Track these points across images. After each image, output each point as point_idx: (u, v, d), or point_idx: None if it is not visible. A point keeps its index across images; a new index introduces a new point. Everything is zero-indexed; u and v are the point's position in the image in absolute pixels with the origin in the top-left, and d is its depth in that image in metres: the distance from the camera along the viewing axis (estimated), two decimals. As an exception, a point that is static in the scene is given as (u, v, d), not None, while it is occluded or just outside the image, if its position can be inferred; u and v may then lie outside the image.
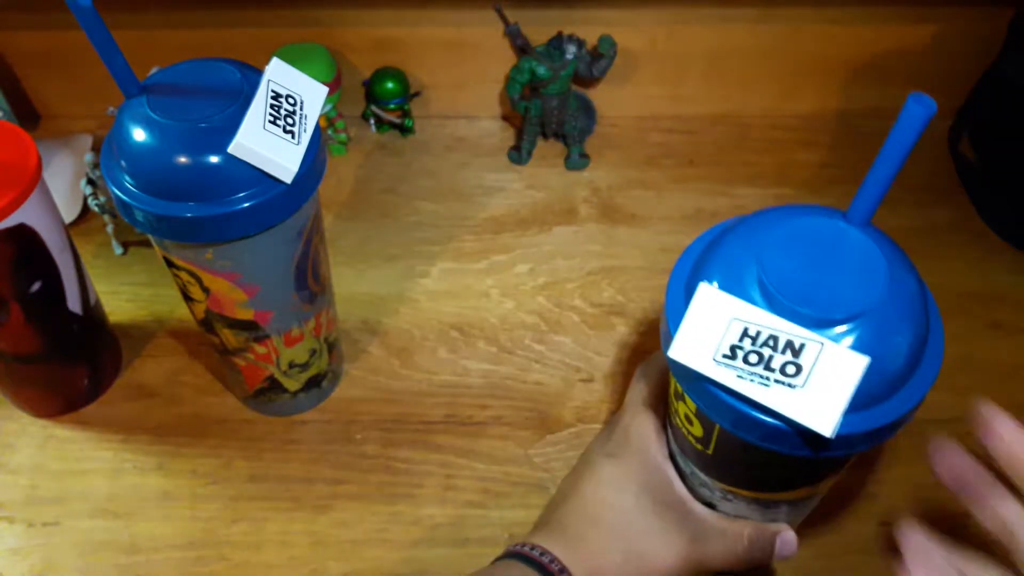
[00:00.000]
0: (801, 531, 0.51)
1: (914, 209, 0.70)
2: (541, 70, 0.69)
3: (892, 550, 0.33)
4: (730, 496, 0.40)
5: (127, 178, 0.43)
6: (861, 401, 0.30)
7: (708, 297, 0.31)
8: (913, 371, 0.32)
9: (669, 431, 0.43)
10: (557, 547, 0.40)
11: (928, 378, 0.32)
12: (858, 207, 0.31)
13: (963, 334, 0.61)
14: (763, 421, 0.31)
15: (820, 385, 0.29)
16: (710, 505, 0.42)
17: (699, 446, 0.38)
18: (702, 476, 0.40)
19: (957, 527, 0.51)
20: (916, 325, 0.31)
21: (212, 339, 0.50)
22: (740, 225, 0.34)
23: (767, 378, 0.30)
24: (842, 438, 0.30)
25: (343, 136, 0.75)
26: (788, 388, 0.29)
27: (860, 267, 0.31)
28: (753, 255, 0.31)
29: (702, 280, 0.32)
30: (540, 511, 0.52)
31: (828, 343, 0.29)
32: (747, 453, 0.35)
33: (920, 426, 0.56)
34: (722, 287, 0.32)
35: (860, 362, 0.29)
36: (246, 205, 0.42)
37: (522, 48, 0.71)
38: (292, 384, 0.54)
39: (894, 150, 0.29)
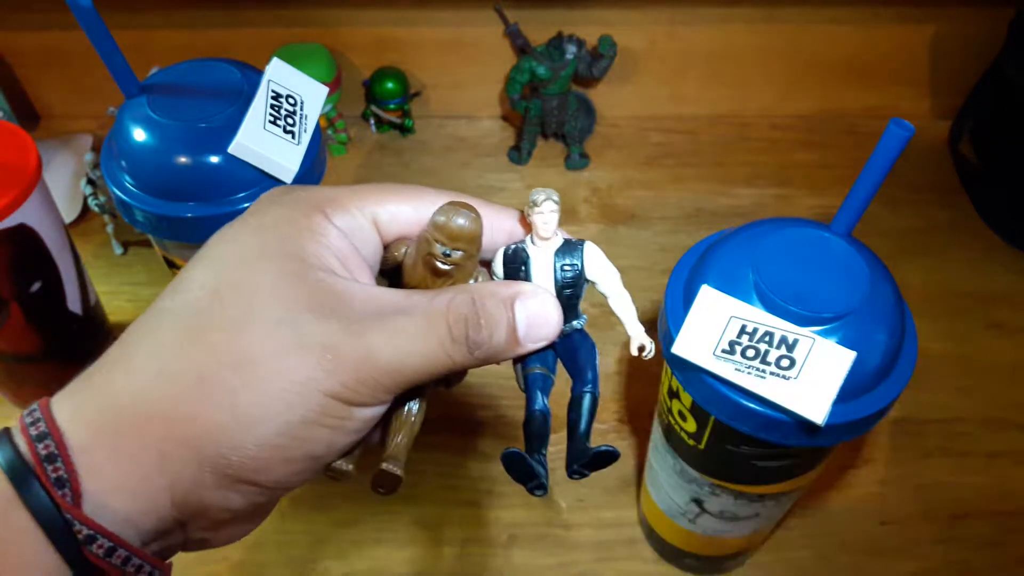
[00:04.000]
0: (801, 531, 0.51)
1: (914, 209, 0.70)
2: (541, 70, 0.69)
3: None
4: (718, 491, 0.41)
5: (127, 178, 0.43)
6: (846, 393, 0.32)
7: (709, 298, 0.33)
8: (891, 368, 0.34)
9: (659, 430, 0.43)
10: (77, 392, 0.23)
11: (905, 375, 0.35)
12: (841, 219, 0.34)
13: (963, 334, 0.61)
14: (758, 412, 0.33)
15: (812, 377, 0.31)
16: (698, 502, 0.43)
17: (691, 441, 0.39)
18: (692, 472, 0.41)
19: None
20: (894, 325, 0.34)
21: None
22: (735, 235, 0.37)
23: (763, 371, 0.32)
24: (829, 427, 0.32)
25: (343, 136, 0.75)
26: (782, 380, 0.31)
27: (844, 272, 0.34)
28: (749, 261, 0.34)
29: (702, 283, 0.34)
30: (540, 511, 0.52)
31: (819, 339, 0.31)
32: (739, 446, 0.37)
33: (920, 426, 0.56)
34: (721, 289, 0.33)
35: (848, 356, 0.31)
36: (246, 205, 0.42)
37: (522, 48, 0.71)
38: (292, 384, 0.54)
39: (875, 169, 0.31)
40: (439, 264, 0.25)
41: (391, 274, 0.27)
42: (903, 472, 0.54)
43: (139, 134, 0.42)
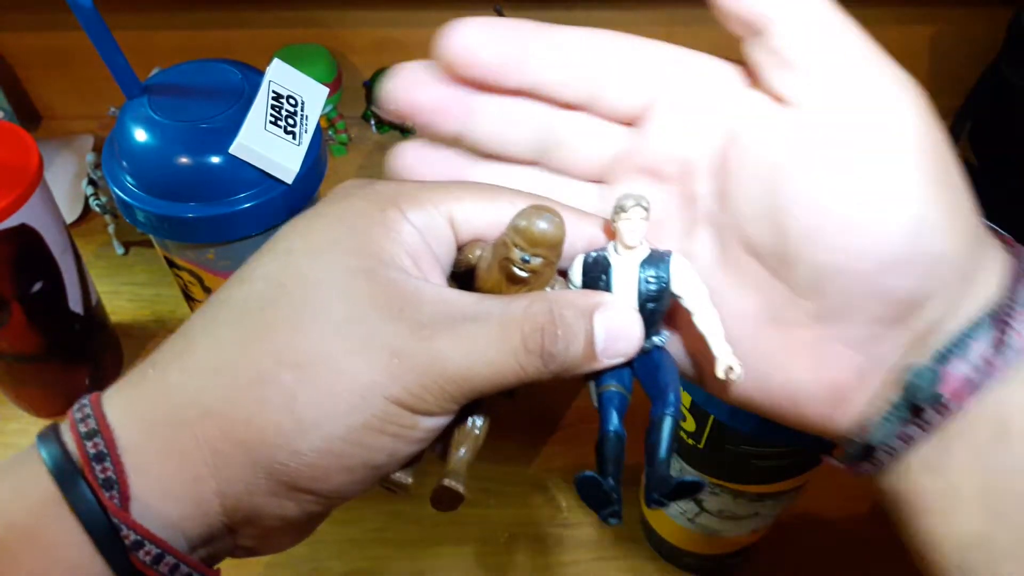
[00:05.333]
0: (801, 530, 0.51)
1: (914, 209, 0.70)
2: (541, 70, 0.69)
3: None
4: (718, 490, 0.41)
5: (128, 178, 0.43)
6: None
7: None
8: None
9: None
10: (130, 387, 0.23)
11: None
12: None
13: (962, 334, 0.61)
14: None
15: None
16: (697, 501, 0.43)
17: (691, 441, 0.39)
18: (691, 471, 0.41)
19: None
20: None
21: (213, 339, 0.50)
22: None
23: None
24: None
25: (344, 137, 0.75)
26: None
27: None
28: None
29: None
30: (540, 511, 0.52)
31: None
32: (738, 446, 0.37)
33: (919, 426, 0.56)
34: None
35: None
36: (247, 205, 0.42)
37: (522, 49, 0.71)
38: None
39: None
40: (516, 271, 0.23)
41: (463, 277, 0.25)
42: (902, 472, 0.54)
43: (140, 134, 0.42)
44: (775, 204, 0.22)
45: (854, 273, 0.22)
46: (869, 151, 0.21)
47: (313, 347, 0.21)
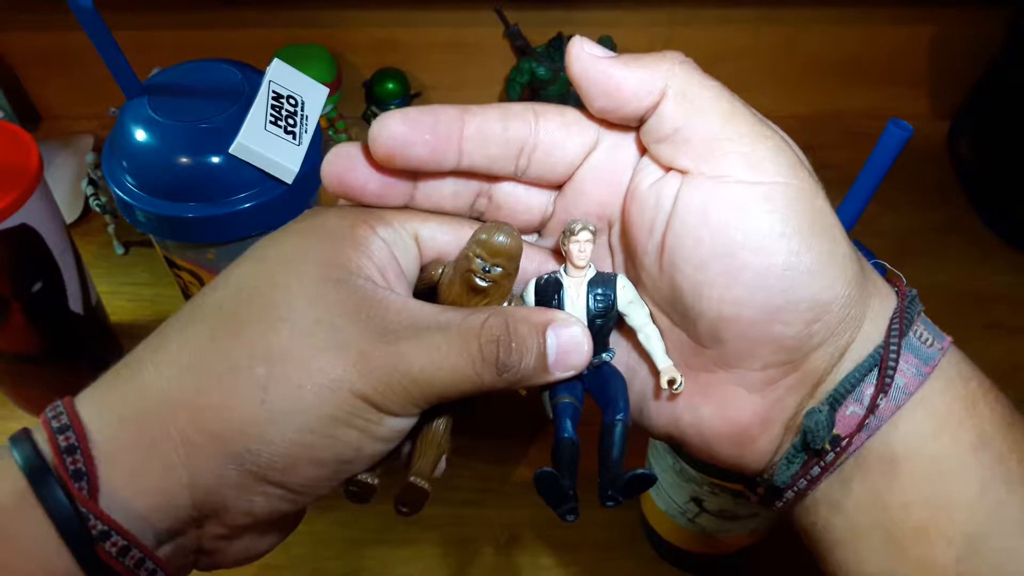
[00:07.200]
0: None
1: (913, 209, 0.70)
2: (541, 71, 0.69)
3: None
4: (717, 490, 0.41)
5: (128, 178, 0.43)
6: None
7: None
8: None
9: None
10: (104, 386, 0.24)
11: None
12: (841, 219, 0.35)
13: (961, 334, 0.61)
14: None
15: None
16: (697, 501, 0.43)
17: None
18: (691, 471, 0.41)
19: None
20: None
21: (213, 339, 0.50)
22: None
23: None
24: None
25: (344, 137, 0.75)
26: None
27: None
28: None
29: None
30: (540, 511, 0.52)
31: None
32: None
33: (919, 426, 0.56)
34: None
35: None
36: (247, 205, 0.42)
37: (522, 49, 0.71)
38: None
39: (875, 169, 0.32)
40: (478, 280, 0.25)
41: (425, 295, 0.27)
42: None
43: (140, 134, 0.42)
44: (666, 262, 0.24)
45: (743, 323, 0.23)
46: (741, 210, 0.23)
47: (284, 344, 0.23)
